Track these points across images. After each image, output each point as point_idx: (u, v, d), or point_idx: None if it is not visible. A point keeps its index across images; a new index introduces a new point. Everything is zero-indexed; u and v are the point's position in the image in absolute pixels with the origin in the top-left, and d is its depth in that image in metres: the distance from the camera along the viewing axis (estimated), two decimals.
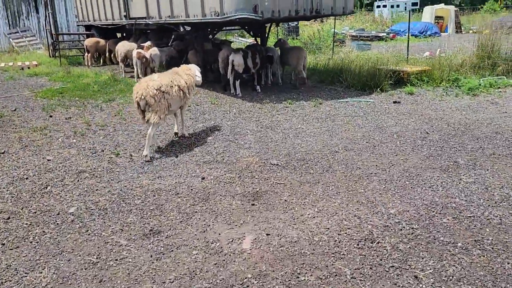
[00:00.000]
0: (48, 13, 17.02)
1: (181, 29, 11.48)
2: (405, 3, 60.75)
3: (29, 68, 15.35)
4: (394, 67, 10.05)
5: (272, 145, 6.18)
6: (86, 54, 16.05)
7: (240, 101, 9.17)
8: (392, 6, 55.47)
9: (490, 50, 10.63)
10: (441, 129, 6.48)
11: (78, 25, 19.83)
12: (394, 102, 8.40)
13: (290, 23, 19.68)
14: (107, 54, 16.12)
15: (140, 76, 11.93)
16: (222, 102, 9.13)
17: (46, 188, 4.96)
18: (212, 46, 12.22)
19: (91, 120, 7.93)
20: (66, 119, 8.08)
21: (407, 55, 12.66)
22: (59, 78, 12.72)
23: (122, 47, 13.08)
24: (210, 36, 11.58)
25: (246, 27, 11.83)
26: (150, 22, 11.84)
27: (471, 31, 25.18)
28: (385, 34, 21.32)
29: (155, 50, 11.99)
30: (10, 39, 22.98)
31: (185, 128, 6.87)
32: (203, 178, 5.06)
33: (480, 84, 9.19)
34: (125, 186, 4.94)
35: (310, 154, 5.69)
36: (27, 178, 5.26)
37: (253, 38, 13.49)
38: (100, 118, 8.08)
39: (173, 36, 11.15)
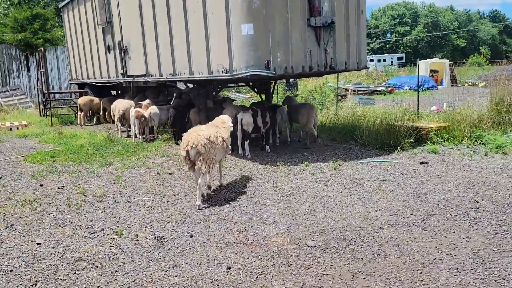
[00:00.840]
0: (40, 72, 16.49)
1: (182, 86, 10.92)
2: (391, 58, 62.51)
3: (18, 128, 14.55)
4: (411, 123, 9.46)
5: (301, 219, 5.34)
6: (79, 113, 15.38)
7: (251, 163, 8.40)
8: (378, 61, 56.90)
9: (508, 104, 10.16)
10: (491, 197, 5.72)
11: (71, 83, 19.32)
12: (421, 163, 7.70)
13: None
14: (101, 113, 15.45)
15: (138, 136, 11.18)
16: (231, 164, 8.35)
17: (35, 285, 4.00)
18: (213, 103, 11.65)
19: (87, 189, 7.04)
20: (58, 188, 7.18)
21: (418, 109, 12.17)
22: (50, 140, 11.91)
23: (120, 105, 12.41)
24: (214, 93, 10.99)
25: (251, 84, 11.33)
26: (149, 80, 11.27)
27: (466, 84, 25.31)
28: (383, 88, 21.19)
29: (154, 109, 11.34)
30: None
31: (221, 178, 7.09)
32: (229, 268, 4.16)
33: (507, 141, 8.59)
34: (134, 281, 4.01)
35: (349, 232, 4.85)
36: (11, 271, 4.30)
37: (256, 95, 12.95)
38: (97, 186, 7.20)
39: (174, 94, 10.56)
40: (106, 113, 15.32)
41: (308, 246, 4.51)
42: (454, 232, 4.64)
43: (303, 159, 8.48)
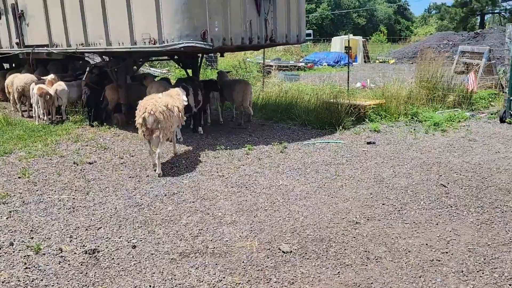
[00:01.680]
0: None
1: (96, 59, 9.50)
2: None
3: None
4: (349, 101, 9.11)
5: (263, 216, 4.60)
6: None
7: (185, 147, 7.43)
8: None
9: (435, 82, 10.29)
10: (455, 180, 5.45)
11: None
12: (368, 143, 7.35)
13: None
14: None
15: (42, 118, 9.51)
16: (163, 150, 7.29)
17: None
18: (132, 80, 10.31)
19: None
20: None
21: (348, 86, 11.97)
22: None
23: (17, 80, 10.46)
24: (134, 68, 9.66)
25: (176, 57, 10.15)
26: (54, 51, 9.56)
27: (377, 61, 26.23)
28: (303, 64, 21.03)
29: (61, 85, 9.69)
30: None
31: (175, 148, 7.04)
32: None
33: (441, 119, 8.61)
34: None
35: (324, 230, 4.22)
36: None
37: (174, 70, 11.75)
38: None
39: (87, 69, 9.05)
40: None
41: (284, 252, 3.79)
42: (437, 224, 4.23)
43: (243, 142, 7.71)
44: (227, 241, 4.06)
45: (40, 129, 8.92)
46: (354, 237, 4.02)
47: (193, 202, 5.05)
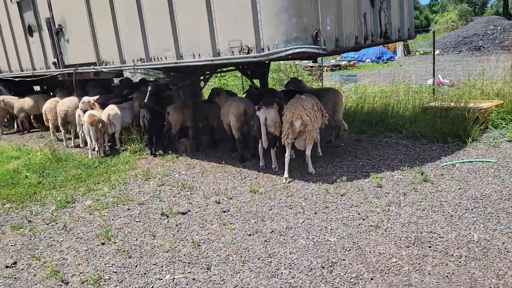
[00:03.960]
0: None
1: (135, 75, 8.04)
2: None
3: None
4: (465, 104, 7.49)
5: None
6: None
7: (280, 178, 5.90)
8: None
9: None
10: None
11: None
12: None
13: None
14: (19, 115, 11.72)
15: (97, 148, 8.05)
16: (259, 183, 5.76)
17: None
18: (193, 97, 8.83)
19: (60, 265, 4.12)
20: (7, 267, 4.16)
21: (433, 83, 10.34)
22: None
23: (61, 106, 9.04)
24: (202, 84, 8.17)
25: (245, 66, 8.64)
26: (104, 70, 8.11)
27: (418, 53, 24.47)
28: (346, 62, 19.41)
29: (113, 109, 8.24)
30: None
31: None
32: None
33: None
34: None
35: None
36: None
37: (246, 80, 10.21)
38: (78, 255, 4.28)
39: (149, 88, 7.57)
40: (32, 117, 11.69)
41: None
42: None
43: (356, 167, 6.16)
44: None
45: (96, 164, 7.46)
46: None
47: (371, 279, 3.50)
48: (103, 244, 4.51)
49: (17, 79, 11.47)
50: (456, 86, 10.92)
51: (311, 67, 17.48)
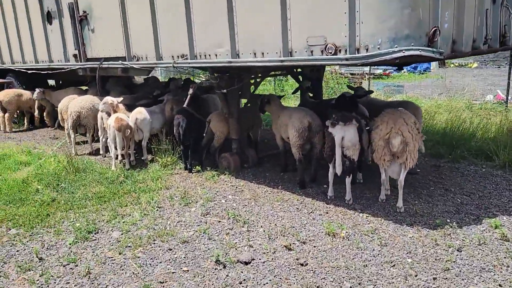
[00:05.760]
0: None
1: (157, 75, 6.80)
2: None
3: None
4: None
5: None
6: (1, 114, 10.34)
7: (360, 215, 4.60)
8: None
9: None
10: None
11: None
12: None
13: None
14: (36, 113, 10.53)
15: (121, 157, 6.79)
16: (335, 220, 4.46)
17: None
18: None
19: None
20: None
21: (506, 100, 9.00)
22: None
23: (74, 106, 7.79)
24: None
25: (299, 69, 7.37)
26: (134, 67, 6.85)
27: (452, 65, 23.09)
28: (380, 71, 18.07)
29: (142, 113, 7.01)
30: None
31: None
32: None
33: None
34: None
35: None
36: None
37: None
38: None
39: (190, 89, 6.27)
40: (45, 113, 10.48)
41: None
42: None
43: (456, 206, 4.84)
44: None
45: (121, 179, 6.19)
46: None
47: None
48: None
49: (29, 71, 10.25)
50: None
51: (352, 74, 16.13)
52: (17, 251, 4.20)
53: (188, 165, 6.52)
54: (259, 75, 6.58)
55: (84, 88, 10.24)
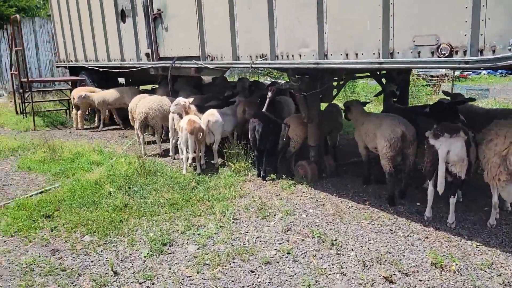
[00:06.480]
0: (17, 51, 11.44)
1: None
2: None
3: None
4: None
5: None
6: (74, 111, 10.53)
7: (472, 244, 3.95)
8: None
9: None
10: None
11: (57, 67, 14.27)
12: None
13: None
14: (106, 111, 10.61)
15: (190, 160, 6.52)
16: (439, 248, 3.85)
17: None
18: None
19: None
20: None
21: None
22: (38, 164, 7.13)
23: (142, 107, 7.62)
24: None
25: (381, 72, 6.77)
26: (209, 66, 6.53)
27: None
28: (458, 73, 16.82)
29: (214, 115, 6.69)
30: None
31: None
32: None
33: None
34: None
35: None
36: None
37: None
38: None
39: (269, 91, 5.86)
40: (116, 113, 10.54)
41: None
42: None
43: None
44: None
45: (193, 184, 5.90)
46: None
47: None
48: None
49: (101, 70, 10.34)
50: None
51: (432, 76, 15.07)
52: (92, 261, 3.98)
53: (261, 172, 6.12)
54: (343, 77, 6.03)
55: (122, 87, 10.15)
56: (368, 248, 4.03)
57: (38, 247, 4.29)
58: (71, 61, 11.64)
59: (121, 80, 12.24)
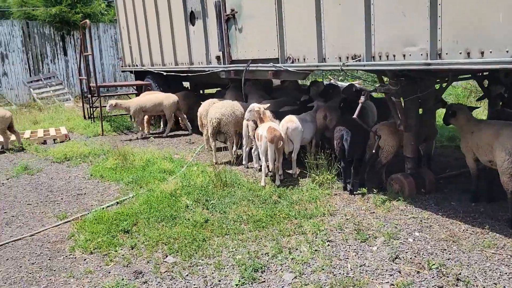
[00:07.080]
0: (84, 56, 11.54)
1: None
2: None
3: (55, 141, 9.73)
4: None
5: None
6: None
7: None
8: None
9: None
10: None
11: (123, 71, 14.39)
12: None
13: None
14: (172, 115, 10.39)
15: (267, 170, 6.04)
16: None
17: None
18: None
19: None
20: None
21: None
22: (110, 172, 6.95)
23: (214, 112, 7.22)
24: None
25: (483, 73, 5.99)
26: (290, 69, 6.01)
27: None
28: None
29: (293, 122, 6.16)
30: (31, 89, 17.81)
31: None
32: None
33: None
34: None
35: None
36: None
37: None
38: None
39: (362, 97, 5.28)
40: (180, 119, 10.31)
41: None
42: None
43: None
44: None
45: (274, 197, 5.41)
46: None
47: None
48: None
49: (165, 73, 10.14)
50: None
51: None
52: (174, 283, 3.57)
53: (348, 186, 5.52)
54: (446, 79, 5.30)
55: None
56: (504, 287, 3.33)
57: (120, 268, 3.95)
58: (137, 65, 11.60)
59: (186, 84, 12.04)
